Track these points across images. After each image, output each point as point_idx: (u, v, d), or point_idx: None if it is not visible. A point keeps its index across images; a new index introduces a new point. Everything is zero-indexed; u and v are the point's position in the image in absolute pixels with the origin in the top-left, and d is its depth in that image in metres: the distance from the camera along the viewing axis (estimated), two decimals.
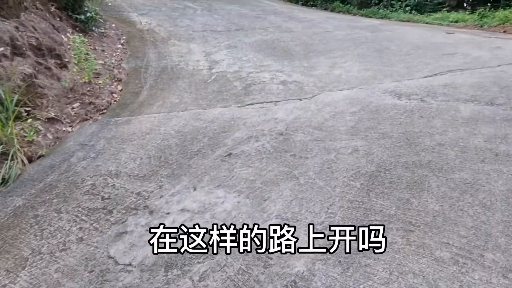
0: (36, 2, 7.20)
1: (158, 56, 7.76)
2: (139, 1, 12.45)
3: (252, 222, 2.59)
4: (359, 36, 8.96)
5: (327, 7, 17.55)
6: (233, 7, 13.06)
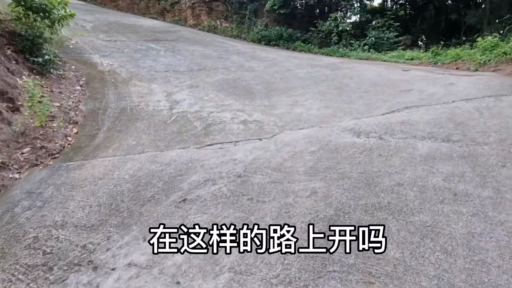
0: None
1: (118, 97, 7.55)
2: (101, 43, 12.31)
3: (203, 277, 2.35)
4: (320, 74, 9.13)
5: (289, 46, 18.08)
6: (196, 48, 13.16)
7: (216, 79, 8.97)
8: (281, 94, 7.38)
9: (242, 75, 9.28)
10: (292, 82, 8.43)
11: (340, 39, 17.36)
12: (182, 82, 8.69)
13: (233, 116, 6.12)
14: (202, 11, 21.41)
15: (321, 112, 5.90)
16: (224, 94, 7.64)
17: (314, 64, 10.88)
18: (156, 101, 7.35)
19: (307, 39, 18.48)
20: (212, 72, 9.75)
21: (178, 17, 21.76)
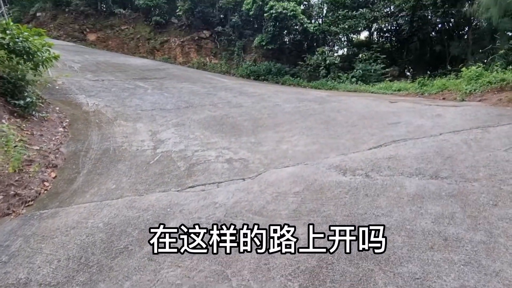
0: None
1: (101, 138, 7.40)
2: (89, 83, 12.30)
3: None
4: (307, 109, 9.09)
5: (278, 80, 18.28)
6: (185, 85, 13.20)
7: (203, 116, 8.89)
8: (268, 130, 7.28)
9: (229, 112, 9.21)
10: (279, 117, 8.36)
11: (328, 72, 17.62)
12: (168, 121, 8.59)
13: (218, 155, 5.97)
14: (191, 49, 21.76)
15: (308, 148, 5.77)
16: (210, 131, 7.52)
17: (302, 98, 10.89)
18: (140, 140, 7.20)
19: (295, 73, 18.74)
20: (199, 109, 9.68)
21: (167, 55, 22.06)
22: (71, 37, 24.01)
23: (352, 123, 7.16)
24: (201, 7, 21.27)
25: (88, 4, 24.34)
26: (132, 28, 23.52)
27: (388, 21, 19.91)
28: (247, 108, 9.64)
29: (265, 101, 10.48)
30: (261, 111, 9.12)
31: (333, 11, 18.85)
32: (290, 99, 10.68)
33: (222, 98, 11.18)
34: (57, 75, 12.54)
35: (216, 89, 12.82)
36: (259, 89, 12.99)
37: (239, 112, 9.16)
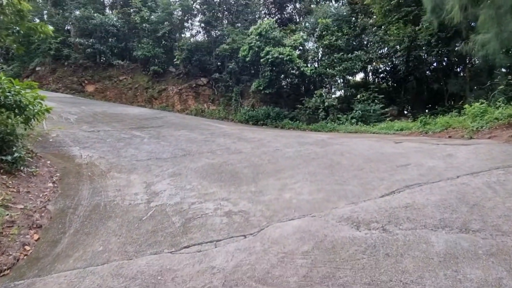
0: None
1: (92, 193, 6.96)
2: (84, 134, 12.02)
3: None
4: (309, 152, 8.73)
5: (277, 125, 18.12)
6: (182, 132, 12.94)
7: (200, 164, 8.50)
8: (269, 177, 6.86)
9: (228, 159, 8.83)
10: (281, 163, 7.97)
11: (327, 114, 17.49)
12: (164, 171, 8.20)
13: (217, 207, 5.51)
14: (189, 96, 21.85)
15: (313, 196, 5.31)
16: (208, 181, 7.10)
17: (303, 141, 10.55)
18: (134, 194, 6.76)
19: (294, 117, 18.63)
20: (197, 157, 9.32)
21: (165, 103, 22.12)
22: (70, 89, 24.23)
23: (358, 167, 6.75)
24: (198, 56, 21.60)
25: (87, 57, 24.81)
26: (130, 78, 23.80)
27: (384, 62, 20.12)
28: (247, 154, 9.28)
29: (265, 146, 10.14)
30: (261, 157, 8.74)
31: (328, 55, 19.07)
32: (291, 143, 10.34)
33: (221, 144, 10.85)
34: (52, 127, 12.34)
35: (214, 135, 12.54)
36: (258, 134, 12.70)
37: (238, 158, 8.79)
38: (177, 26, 23.18)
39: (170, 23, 22.35)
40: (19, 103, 8.19)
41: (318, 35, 18.90)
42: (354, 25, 20.07)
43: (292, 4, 24.60)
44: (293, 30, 20.89)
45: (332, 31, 18.62)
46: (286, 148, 9.58)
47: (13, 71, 28.07)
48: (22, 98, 8.20)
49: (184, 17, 23.33)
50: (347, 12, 20.26)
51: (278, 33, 19.18)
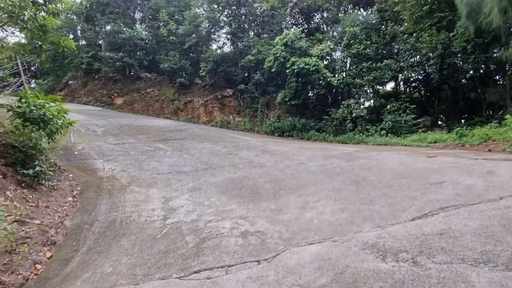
0: None
1: (110, 208, 6.88)
2: (109, 147, 12.11)
3: None
4: (334, 167, 8.33)
5: (303, 136, 17.74)
6: (206, 145, 12.81)
7: (221, 179, 8.29)
8: (291, 194, 6.53)
9: (249, 173, 8.58)
10: (303, 177, 7.62)
11: (355, 126, 16.97)
12: (184, 185, 8.04)
13: (233, 226, 5.25)
14: (215, 108, 21.85)
15: (336, 217, 4.93)
16: (227, 196, 6.86)
17: (328, 155, 10.14)
18: (151, 209, 6.61)
19: (321, 128, 18.19)
20: (218, 171, 9.12)
21: (191, 115, 22.22)
22: (100, 102, 24.85)
23: (386, 184, 6.30)
24: (224, 67, 21.62)
25: (116, 71, 25.42)
26: (157, 90, 24.14)
27: (416, 71, 19.39)
28: (269, 168, 8.99)
29: (288, 160, 9.81)
30: (283, 171, 8.42)
31: (356, 64, 18.58)
32: (315, 157, 9.96)
33: (243, 157, 10.62)
34: (78, 140, 12.54)
35: (237, 148, 12.33)
36: (282, 147, 12.39)
37: (260, 172, 8.51)
38: (204, 38, 23.39)
39: (197, 36, 22.57)
40: (43, 117, 8.30)
41: (346, 44, 18.48)
42: (384, 33, 19.50)
43: (319, 13, 24.33)
44: (319, 39, 20.55)
45: (360, 40, 18.15)
46: (310, 162, 9.22)
47: (47, 85, 29.20)
48: (47, 112, 8.31)
49: (210, 29, 23.52)
50: (376, 20, 19.73)
51: (304, 43, 18.90)
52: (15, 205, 6.44)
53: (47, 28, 7.01)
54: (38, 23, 6.87)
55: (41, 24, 6.87)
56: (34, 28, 6.89)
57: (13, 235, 5.27)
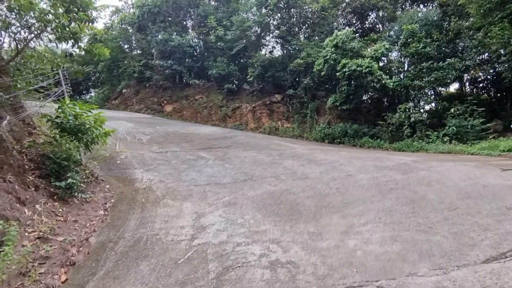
0: (7, 174, 6.50)
1: (139, 223, 6.52)
2: (151, 156, 11.95)
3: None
4: (387, 180, 7.37)
5: (355, 143, 16.64)
6: (249, 154, 12.24)
7: (260, 192, 7.67)
8: (334, 213, 5.72)
9: (291, 186, 7.87)
10: (350, 193, 6.76)
11: (413, 131, 15.54)
12: (220, 198, 7.53)
13: (263, 253, 4.59)
14: (263, 114, 21.31)
15: (385, 248, 4.07)
16: (263, 214, 6.22)
17: (382, 165, 9.11)
18: (180, 227, 6.16)
19: (375, 134, 16.94)
20: (258, 182, 8.51)
21: (239, 122, 21.86)
22: (150, 110, 25.35)
23: (450, 205, 5.25)
24: (272, 72, 21.03)
25: (166, 78, 25.82)
26: (205, 97, 24.12)
27: (484, 70, 17.43)
28: (314, 180, 8.20)
29: (336, 171, 8.94)
30: (329, 184, 7.61)
31: (415, 64, 17.10)
32: (367, 167, 8.99)
33: (287, 168, 9.90)
34: (123, 149, 12.55)
35: (282, 157, 11.62)
36: (331, 156, 11.48)
37: (303, 186, 7.76)
38: (252, 43, 23.00)
39: (245, 41, 22.22)
40: (80, 127, 8.20)
41: (403, 43, 17.06)
42: (446, 29, 17.77)
43: (374, 12, 22.93)
44: (374, 40, 19.25)
45: (419, 38, 16.65)
46: (360, 174, 8.29)
47: (104, 94, 30.52)
48: (84, 121, 8.20)
49: (258, 33, 23.08)
50: (438, 16, 18.05)
51: (356, 44, 17.77)
52: (41, 220, 6.26)
53: (78, 37, 6.83)
54: (70, 31, 6.71)
55: (73, 32, 6.69)
56: (67, 36, 6.73)
57: (31, 254, 5.00)
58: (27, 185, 6.97)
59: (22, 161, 7.52)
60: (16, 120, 9.13)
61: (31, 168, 7.62)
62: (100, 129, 8.58)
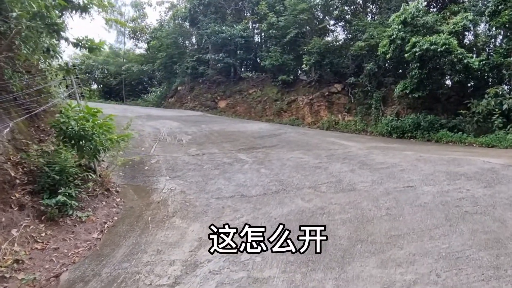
0: None
1: (128, 253, 5.52)
2: (185, 159, 10.88)
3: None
4: (462, 197, 5.38)
5: (430, 137, 14.20)
6: (294, 155, 10.65)
7: (286, 211, 6.19)
8: (371, 256, 4.02)
9: (329, 202, 6.25)
10: (404, 219, 4.94)
11: (507, 121, 12.63)
12: (236, 219, 6.24)
13: None
14: (321, 106, 19.41)
15: None
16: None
17: (457, 172, 6.98)
18: (170, 263, 5.00)
19: (456, 126, 14.26)
20: (291, 196, 7.05)
21: (295, 116, 20.19)
22: (204, 107, 24.70)
23: None
24: (330, 58, 18.96)
25: (219, 73, 24.92)
26: (259, 90, 22.76)
27: None
28: (360, 193, 6.44)
29: (392, 180, 7.04)
30: (377, 202, 5.82)
31: (508, 37, 14.02)
32: (435, 175, 6.93)
33: (333, 174, 8.18)
34: (160, 151, 11.70)
35: (331, 159, 9.84)
36: (391, 157, 9.42)
37: (343, 202, 6.08)
38: (307, 28, 21.10)
39: (298, 26, 20.39)
40: (82, 133, 7.28)
41: (492, 12, 14.03)
42: None
43: None
44: (454, 12, 16.30)
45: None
46: (424, 185, 6.32)
47: (160, 93, 30.65)
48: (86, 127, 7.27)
49: (316, 16, 21.11)
50: None
51: (430, 18, 15.08)
52: (11, 250, 5.34)
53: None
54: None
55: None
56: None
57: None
58: (9, 205, 6.15)
59: (10, 175, 6.79)
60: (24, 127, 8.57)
61: (24, 183, 6.86)
62: (106, 135, 7.61)
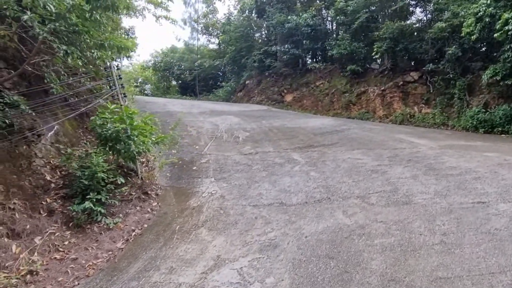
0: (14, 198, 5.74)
1: (142, 269, 5.27)
2: (236, 158, 10.43)
3: None
4: None
5: None
6: (352, 155, 9.60)
7: (321, 227, 5.44)
8: None
9: (374, 219, 5.33)
10: (462, 251, 3.89)
11: None
12: (264, 234, 5.65)
13: None
14: (395, 98, 17.67)
15: None
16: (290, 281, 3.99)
17: None
18: (177, 286, 4.42)
19: None
20: (333, 207, 6.24)
21: (365, 109, 18.69)
22: (271, 100, 24.08)
23: None
24: (404, 44, 17.09)
25: (285, 65, 24.07)
26: (327, 82, 21.48)
27: None
28: (415, 209, 5.37)
29: (461, 191, 5.79)
30: (434, 223, 4.75)
31: None
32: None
33: (390, 180, 7.11)
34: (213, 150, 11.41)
35: (394, 161, 8.63)
36: (467, 160, 7.95)
37: (390, 221, 5.10)
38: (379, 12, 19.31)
39: (369, 10, 18.73)
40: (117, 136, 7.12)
41: None
42: None
43: None
44: None
45: None
46: (500, 201, 5.05)
47: (230, 87, 30.70)
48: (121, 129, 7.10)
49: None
50: None
51: None
52: (29, 259, 5.24)
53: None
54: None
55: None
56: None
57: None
58: (37, 211, 6.15)
59: (45, 180, 6.82)
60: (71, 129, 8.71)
61: (59, 187, 6.88)
62: (140, 137, 7.38)
